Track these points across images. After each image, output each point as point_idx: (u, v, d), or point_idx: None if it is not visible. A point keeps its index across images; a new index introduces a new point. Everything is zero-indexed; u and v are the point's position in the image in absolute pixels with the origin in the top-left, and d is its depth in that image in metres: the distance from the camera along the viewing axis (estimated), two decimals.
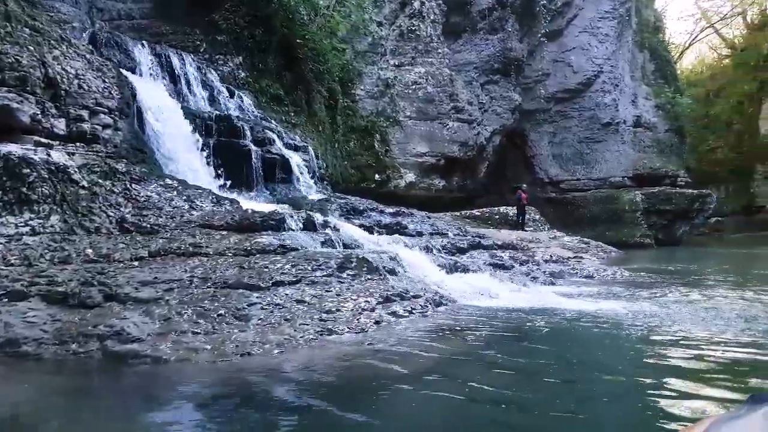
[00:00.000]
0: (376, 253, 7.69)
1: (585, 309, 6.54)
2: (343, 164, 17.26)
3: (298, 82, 14.61)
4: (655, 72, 30.04)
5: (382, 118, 18.44)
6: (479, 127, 20.33)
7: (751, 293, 7.81)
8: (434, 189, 19.90)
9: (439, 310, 6.35)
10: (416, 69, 19.04)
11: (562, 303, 7.01)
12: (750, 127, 37.22)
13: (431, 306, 6.35)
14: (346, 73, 17.96)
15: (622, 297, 7.52)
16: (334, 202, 9.93)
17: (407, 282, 7.21)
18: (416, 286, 6.92)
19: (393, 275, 7.22)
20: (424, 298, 6.42)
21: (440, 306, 6.55)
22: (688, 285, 8.93)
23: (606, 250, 18.68)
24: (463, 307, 6.69)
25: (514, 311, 6.47)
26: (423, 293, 6.60)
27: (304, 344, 4.59)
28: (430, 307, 6.30)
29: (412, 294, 6.44)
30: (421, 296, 6.47)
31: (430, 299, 6.50)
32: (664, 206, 24.47)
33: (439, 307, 6.50)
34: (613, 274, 10.66)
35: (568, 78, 25.13)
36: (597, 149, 25.86)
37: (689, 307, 6.50)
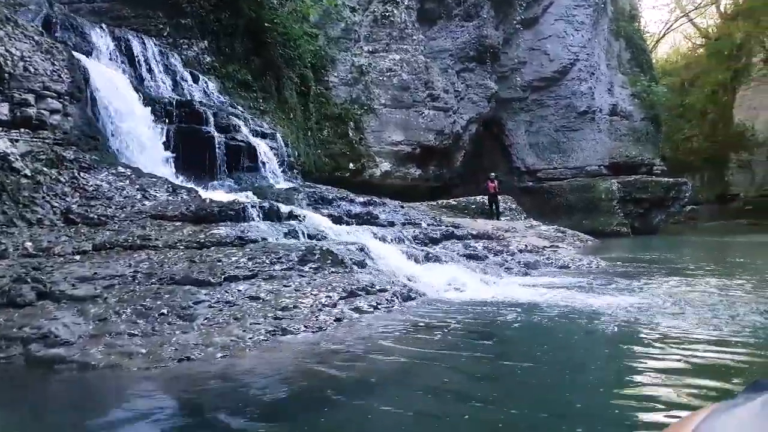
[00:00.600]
0: (343, 245, 7.31)
1: (559, 302, 6.24)
2: (316, 152, 16.77)
3: (267, 68, 14.05)
4: (630, 60, 30.01)
5: (356, 106, 17.96)
6: (455, 115, 19.98)
7: (726, 282, 7.62)
8: (410, 178, 19.54)
9: (407, 305, 5.99)
10: (391, 56, 18.57)
11: (536, 296, 6.71)
12: (724, 116, 37.57)
13: (398, 300, 5.99)
14: (318, 60, 17.41)
15: (597, 289, 7.26)
16: (301, 191, 9.49)
17: (375, 275, 6.85)
18: (384, 279, 6.56)
19: (360, 268, 6.85)
20: (391, 292, 6.06)
21: (408, 300, 6.20)
22: (664, 275, 8.72)
23: (582, 239, 18.56)
24: (432, 301, 6.35)
25: (485, 305, 6.14)
26: (390, 287, 6.24)
27: (252, 346, 4.18)
28: (397, 301, 5.94)
29: (379, 288, 6.07)
30: (388, 290, 6.11)
31: (398, 293, 6.14)
32: (640, 195, 24.48)
33: (407, 301, 6.14)
34: (589, 264, 10.44)
35: (544, 66, 24.90)
36: (573, 138, 25.75)
37: (665, 299, 6.25)
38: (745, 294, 6.64)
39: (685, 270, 9.57)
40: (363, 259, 7.04)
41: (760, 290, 6.86)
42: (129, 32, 12.08)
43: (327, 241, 7.38)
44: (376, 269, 7.14)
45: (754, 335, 4.41)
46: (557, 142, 26.01)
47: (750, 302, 5.95)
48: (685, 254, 14.13)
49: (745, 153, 35.96)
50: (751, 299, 6.16)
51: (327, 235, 7.95)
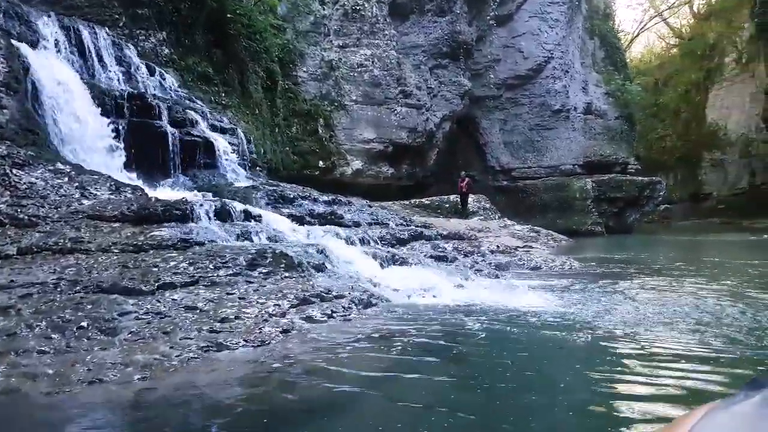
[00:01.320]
0: (301, 247, 6.81)
1: (528, 308, 5.85)
2: (284, 150, 16.19)
3: (229, 61, 13.42)
4: (605, 59, 30.05)
5: (326, 102, 17.41)
6: (428, 112, 19.57)
7: (702, 285, 7.33)
8: (382, 177, 19.07)
9: (367, 312, 5.51)
10: (362, 51, 18.06)
11: (504, 300, 6.30)
12: (697, 116, 37.99)
13: (357, 307, 5.51)
14: (286, 54, 16.82)
15: (568, 292, 6.89)
16: (261, 189, 8.94)
17: (335, 279, 6.37)
18: (344, 284, 6.08)
19: (319, 272, 6.37)
20: (349, 299, 5.57)
21: (369, 307, 5.72)
22: (638, 277, 8.42)
23: (556, 238, 18.35)
24: (395, 307, 5.88)
25: (451, 311, 5.70)
26: (349, 293, 5.75)
27: (179, 365, 3.65)
28: (356, 308, 5.45)
29: (336, 294, 5.57)
30: (346, 296, 5.62)
31: (357, 299, 5.65)
32: (614, 194, 24.44)
33: (367, 308, 5.66)
34: (561, 265, 10.11)
35: (518, 64, 24.69)
36: (548, 136, 25.60)
37: (638, 304, 5.90)
38: (721, 297, 6.34)
39: (660, 271, 9.29)
40: (322, 262, 6.55)
41: (737, 293, 6.57)
42: (80, 22, 11.35)
43: (284, 243, 6.87)
44: (336, 273, 6.66)
45: (733, 347, 4.05)
46: (532, 140, 25.84)
47: (727, 307, 5.64)
48: (660, 254, 13.95)
49: (717, 152, 36.40)
50: (727, 305, 5.85)
51: (285, 237, 7.45)
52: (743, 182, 34.40)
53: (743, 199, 33.53)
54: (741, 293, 6.59)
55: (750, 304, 5.76)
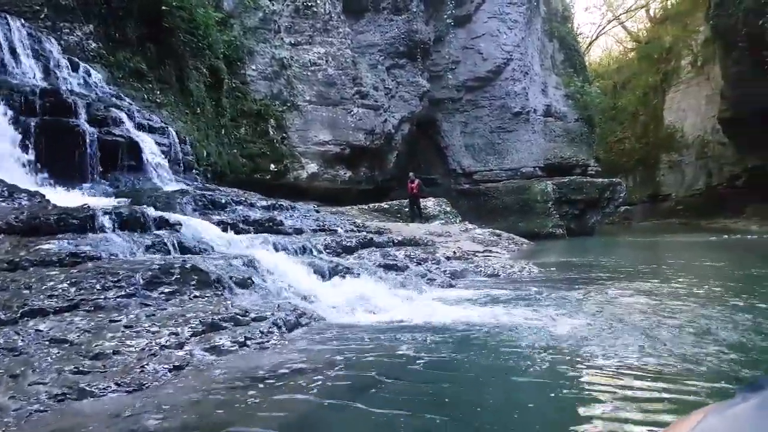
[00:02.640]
0: (224, 259, 5.97)
1: (478, 323, 5.16)
2: (231, 152, 15.23)
3: (166, 56, 12.44)
4: (564, 62, 30.05)
5: (277, 102, 16.52)
6: (386, 113, 18.89)
7: (664, 289, 6.80)
8: (339, 180, 18.27)
9: (292, 336, 4.71)
10: (315, 49, 17.26)
11: (454, 315, 5.60)
12: (655, 118, 38.54)
13: (280, 331, 4.70)
14: (233, 51, 15.88)
15: (524, 303, 6.25)
16: (189, 193, 8.03)
17: (261, 296, 5.57)
18: (268, 303, 5.27)
19: (242, 288, 5.54)
20: (272, 321, 4.75)
21: (296, 328, 4.92)
22: (598, 283, 7.87)
23: (518, 242, 17.91)
24: (328, 328, 5.09)
25: (393, 331, 4.96)
26: (273, 312, 4.94)
27: (14, 424, 2.79)
28: (278, 332, 4.64)
29: (255, 315, 4.76)
30: (268, 318, 4.80)
31: (282, 321, 4.84)
32: (575, 196, 24.28)
33: (293, 330, 4.87)
34: (521, 270, 9.51)
35: (478, 65, 24.31)
36: (508, 139, 25.30)
37: (598, 317, 5.30)
38: (685, 306, 5.79)
39: (621, 276, 8.78)
40: (248, 277, 5.72)
41: (700, 300, 6.04)
42: None
43: (204, 256, 6.01)
44: (265, 289, 5.84)
45: (694, 363, 3.42)
46: (493, 143, 25.49)
47: (689, 319, 5.07)
48: (621, 257, 13.58)
49: (675, 154, 36.95)
50: (689, 315, 5.28)
51: (210, 247, 6.58)
52: (700, 183, 34.96)
53: (700, 199, 34.06)
54: (705, 300, 6.08)
55: (712, 317, 5.21)
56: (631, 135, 40.64)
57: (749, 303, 5.97)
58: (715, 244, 17.99)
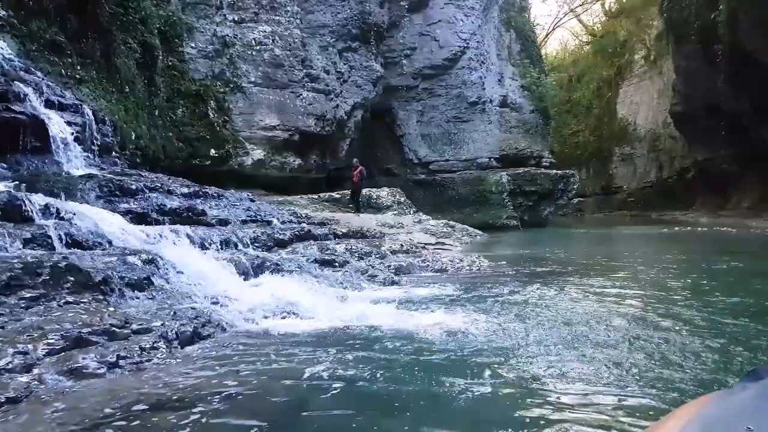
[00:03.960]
0: (120, 256, 5.09)
1: (414, 329, 4.52)
2: (166, 136, 14.09)
3: (89, 29, 11.22)
4: (521, 52, 29.76)
5: (219, 83, 15.42)
6: (338, 99, 18.01)
7: (617, 288, 6.32)
8: (289, 168, 17.34)
9: (185, 352, 3.91)
10: (260, 27, 16.20)
11: (389, 320, 4.91)
12: (608, 111, 38.96)
13: (169, 345, 3.89)
14: (171, 26, 14.67)
15: (466, 304, 5.64)
16: (95, 179, 7.05)
17: (161, 300, 4.80)
18: (164, 310, 4.46)
19: (137, 291, 4.74)
20: (159, 333, 3.94)
21: (194, 342, 4.13)
22: (547, 278, 7.36)
23: (471, 233, 17.46)
24: (234, 340, 4.31)
25: (313, 343, 4.25)
26: (166, 322, 4.13)
27: None
28: (165, 348, 3.83)
29: (138, 326, 3.94)
30: (156, 329, 3.99)
31: (175, 332, 4.04)
32: (529, 187, 24.08)
33: (190, 344, 4.07)
34: (470, 265, 8.93)
35: (434, 53, 23.67)
36: (465, 129, 24.84)
37: (543, 321, 4.73)
38: (638, 307, 5.29)
39: (571, 270, 8.32)
40: (146, 277, 4.89)
41: (654, 299, 5.56)
42: None
43: (94, 252, 5.11)
44: (167, 291, 5.03)
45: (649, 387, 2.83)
46: (449, 133, 24.98)
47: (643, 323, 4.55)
48: (574, 249, 13.25)
49: (627, 147, 37.47)
50: (642, 319, 4.77)
51: (108, 241, 5.66)
52: (651, 176, 35.57)
53: (651, 192, 34.67)
54: (658, 299, 5.60)
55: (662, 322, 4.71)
56: (585, 128, 41.03)
57: (704, 301, 5.53)
58: (666, 236, 18.02)
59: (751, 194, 23.92)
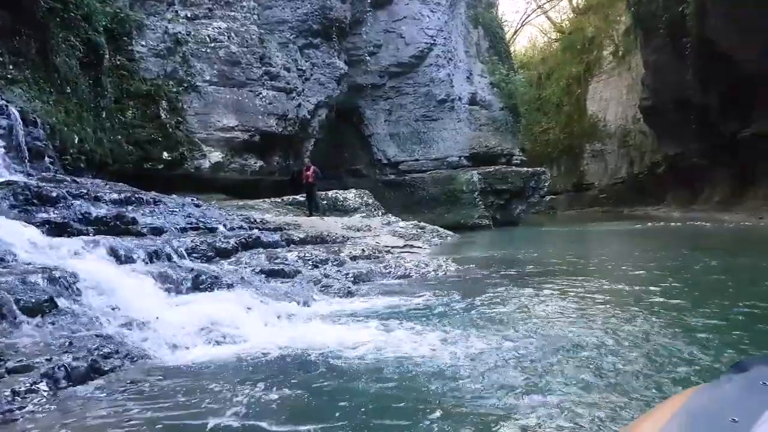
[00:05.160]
0: (18, 275, 4.34)
1: (362, 354, 3.89)
2: (114, 139, 13.19)
3: (21, 26, 10.30)
4: (489, 49, 29.40)
5: (171, 82, 14.53)
6: (300, 97, 17.27)
7: (591, 294, 5.77)
8: (250, 171, 16.53)
9: (72, 393, 3.23)
10: (215, 23, 15.37)
11: (334, 342, 4.28)
12: (578, 108, 38.93)
13: (54, 387, 3.21)
14: (118, 24, 13.77)
15: (433, 316, 5.03)
16: (10, 186, 6.23)
17: (62, 326, 4.12)
18: (59, 340, 3.73)
19: (32, 316, 4.00)
20: (42, 371, 3.23)
21: (90, 379, 3.44)
22: (517, 283, 6.79)
23: (442, 235, 16.91)
24: (139, 376, 3.61)
25: (233, 375, 3.60)
26: (50, 357, 3.40)
27: None
28: (47, 390, 3.13)
29: (15, 364, 3.23)
30: (36, 367, 3.27)
31: (65, 369, 3.33)
32: (500, 185, 23.71)
33: (80, 384, 3.37)
34: (436, 270, 8.33)
35: (400, 50, 23.10)
36: (434, 128, 24.32)
37: (510, 339, 4.14)
38: (612, 316, 4.74)
39: (544, 273, 7.78)
40: (50, 298, 4.18)
41: (629, 305, 5.02)
42: None
43: None
44: (72, 315, 4.29)
45: None
46: (418, 132, 24.45)
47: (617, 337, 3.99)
48: (545, 249, 12.77)
49: (598, 143, 37.47)
50: (614, 330, 4.21)
51: (13, 256, 4.90)
52: (622, 172, 35.62)
53: (623, 187, 34.70)
54: (634, 303, 5.07)
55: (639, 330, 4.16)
56: (556, 125, 40.97)
57: (685, 304, 5.01)
58: (639, 233, 17.74)
59: (722, 188, 23.94)
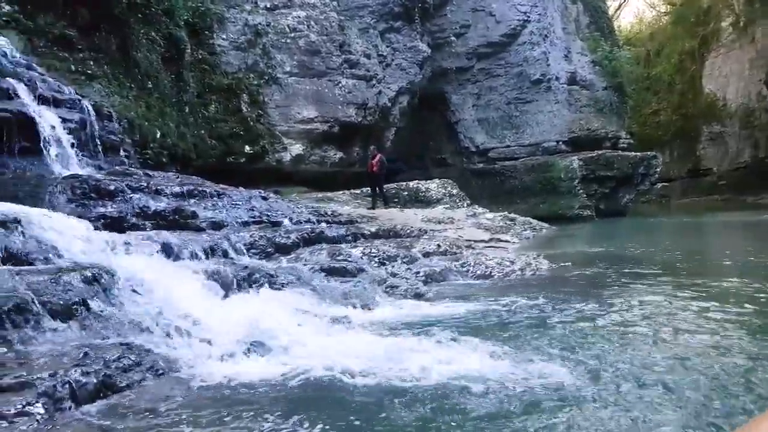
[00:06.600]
0: (52, 275, 4.02)
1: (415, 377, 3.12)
2: (198, 133, 13.32)
3: (100, 22, 10.54)
4: (590, 25, 27.16)
5: (252, 75, 14.48)
6: (380, 84, 16.65)
7: (720, 307, 4.55)
8: (329, 163, 16.21)
9: (70, 417, 2.74)
10: (294, 13, 15.11)
11: (385, 361, 3.52)
12: (693, 87, 35.14)
13: (52, 406, 2.79)
14: (199, 18, 13.89)
15: (512, 330, 4.11)
16: (67, 180, 6.12)
17: (93, 331, 3.74)
18: (75, 350, 3.31)
19: (61, 320, 3.66)
20: (41, 389, 2.78)
21: (95, 400, 2.97)
22: (625, 288, 5.64)
23: (536, 227, 15.59)
24: (156, 393, 3.09)
25: (258, 401, 2.97)
26: (54, 373, 2.96)
27: None
28: (41, 411, 2.70)
29: (11, 381, 2.80)
30: (36, 385, 2.82)
31: (66, 385, 2.87)
32: (604, 172, 21.74)
33: (87, 404, 2.93)
34: (524, 268, 7.30)
35: (490, 29, 21.73)
36: (528, 111, 22.74)
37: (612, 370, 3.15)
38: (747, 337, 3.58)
39: (659, 275, 6.50)
40: (81, 300, 3.86)
41: None
42: None
43: (22, 269, 4.06)
44: (104, 319, 3.91)
45: None
46: (509, 116, 22.99)
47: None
48: (658, 244, 11.16)
49: (716, 125, 33.61)
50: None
51: (57, 253, 4.64)
52: (745, 156, 31.69)
53: (746, 173, 30.83)
54: None
55: None
56: (667, 105, 37.29)
57: None
58: (766, 224, 15.32)
59: None
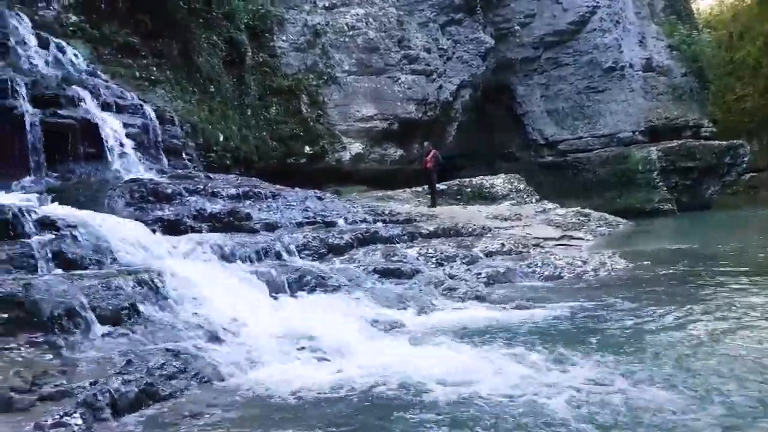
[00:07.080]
0: (102, 279, 3.99)
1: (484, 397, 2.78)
2: (260, 136, 13.47)
3: (163, 28, 10.82)
4: (666, 9, 25.43)
5: (311, 75, 14.49)
6: (441, 79, 16.21)
7: None
8: (389, 161, 15.97)
9: (101, 429, 2.62)
10: (353, 10, 14.99)
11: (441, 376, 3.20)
12: None
13: (91, 416, 2.76)
14: (260, 21, 14.05)
15: (584, 339, 3.67)
16: (126, 184, 6.21)
17: (142, 335, 3.70)
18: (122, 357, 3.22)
19: (110, 325, 3.65)
20: (80, 399, 2.70)
21: (136, 409, 2.86)
22: (713, 291, 5.00)
23: (611, 223, 14.65)
24: (198, 403, 2.95)
25: (299, 415, 2.73)
26: (94, 381, 2.86)
27: None
28: (79, 423, 2.64)
29: (51, 390, 2.77)
30: (75, 394, 2.74)
31: (106, 395, 2.77)
32: (685, 163, 20.34)
33: (128, 414, 2.83)
34: (597, 268, 6.72)
35: (557, 17, 20.79)
36: (600, 100, 21.60)
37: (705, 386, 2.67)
38: None
39: (750, 274, 5.75)
40: (131, 305, 3.87)
41: None
42: None
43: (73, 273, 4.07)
44: (154, 323, 3.88)
45: None
46: (581, 106, 21.91)
47: None
48: (749, 241, 10.08)
49: None
50: None
51: (113, 257, 4.66)
52: None
53: None
54: None
55: None
56: (754, 91, 34.46)
57: None
58: None
59: None
